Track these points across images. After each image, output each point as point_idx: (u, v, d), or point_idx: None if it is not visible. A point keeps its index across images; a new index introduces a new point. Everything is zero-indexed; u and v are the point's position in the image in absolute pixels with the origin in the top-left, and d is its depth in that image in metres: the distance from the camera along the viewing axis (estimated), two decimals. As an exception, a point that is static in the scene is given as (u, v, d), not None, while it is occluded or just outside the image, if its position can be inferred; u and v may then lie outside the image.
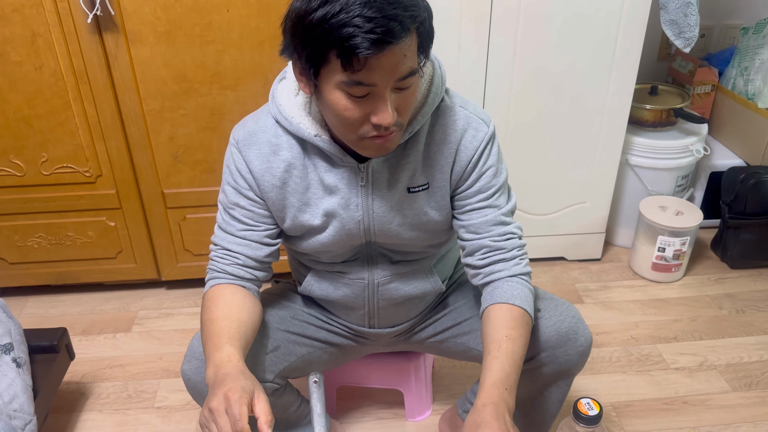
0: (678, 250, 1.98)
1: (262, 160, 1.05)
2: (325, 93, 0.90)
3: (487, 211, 1.08)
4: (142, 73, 1.66)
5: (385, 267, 1.17)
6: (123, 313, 1.97)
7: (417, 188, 1.07)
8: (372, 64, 0.83)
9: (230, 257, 1.09)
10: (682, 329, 1.86)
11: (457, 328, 1.26)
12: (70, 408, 1.63)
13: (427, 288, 1.21)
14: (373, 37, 0.80)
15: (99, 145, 1.76)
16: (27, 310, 1.99)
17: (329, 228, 1.08)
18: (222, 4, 1.59)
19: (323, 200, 1.06)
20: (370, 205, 1.06)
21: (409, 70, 0.88)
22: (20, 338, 1.37)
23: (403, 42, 0.83)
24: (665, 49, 2.36)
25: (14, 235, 1.88)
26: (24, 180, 1.79)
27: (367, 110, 0.89)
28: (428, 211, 1.09)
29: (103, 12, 1.56)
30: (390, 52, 0.83)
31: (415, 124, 1.01)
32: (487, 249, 1.08)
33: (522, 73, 1.80)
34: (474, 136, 1.05)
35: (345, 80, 0.86)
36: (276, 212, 1.09)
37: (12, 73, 1.64)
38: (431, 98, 1.02)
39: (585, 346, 1.12)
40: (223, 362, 0.92)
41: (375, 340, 1.30)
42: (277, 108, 1.03)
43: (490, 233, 1.08)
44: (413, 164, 1.05)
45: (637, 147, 2.05)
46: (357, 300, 1.20)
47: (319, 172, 1.05)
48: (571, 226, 2.10)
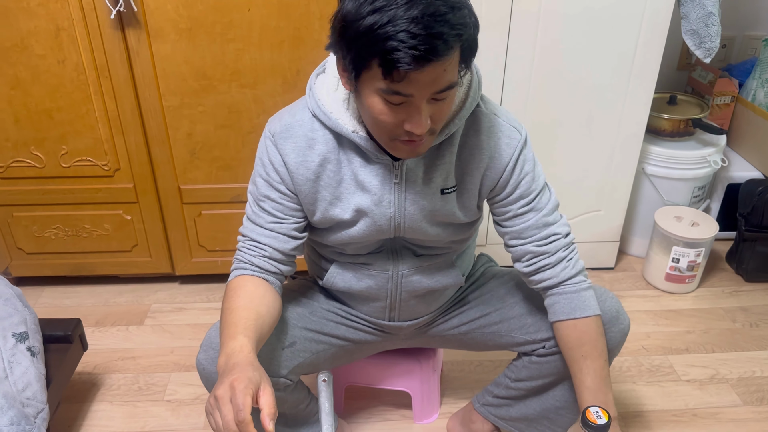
0: (692, 261, 1.96)
1: (297, 153, 1.06)
2: (364, 95, 0.92)
3: (530, 215, 1.10)
4: (163, 69, 1.68)
5: (408, 260, 1.19)
6: (136, 306, 1.99)
7: (449, 190, 1.09)
8: (411, 77, 0.85)
9: (257, 249, 1.10)
10: (694, 341, 1.85)
11: (486, 318, 1.28)
12: (82, 398, 1.65)
13: (448, 281, 1.23)
14: (415, 54, 0.81)
15: (118, 140, 1.78)
16: (42, 300, 2.01)
17: (360, 223, 1.10)
18: (243, 4, 1.60)
19: (355, 195, 1.08)
20: (402, 202, 1.08)
21: (448, 84, 0.89)
22: (35, 327, 1.39)
23: (445, 59, 0.84)
24: (685, 58, 2.34)
25: (32, 226, 1.91)
26: (43, 172, 1.82)
27: (402, 117, 0.91)
28: (456, 212, 1.11)
29: (126, 8, 1.58)
30: (431, 68, 0.84)
31: (452, 126, 1.02)
32: (531, 255, 1.11)
33: (539, 79, 1.79)
34: (508, 144, 1.07)
35: (383, 88, 0.87)
36: (307, 205, 1.10)
37: (35, 66, 1.66)
38: (468, 103, 1.03)
39: (626, 325, 1.17)
40: (235, 352, 0.93)
41: (394, 333, 1.31)
42: (316, 102, 1.05)
43: (533, 237, 1.10)
44: (447, 165, 1.07)
45: (654, 156, 2.04)
46: (380, 291, 1.21)
47: (354, 168, 1.06)
48: (585, 234, 2.09)
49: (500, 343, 1.30)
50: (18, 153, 1.79)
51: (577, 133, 1.89)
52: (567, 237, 1.13)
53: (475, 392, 1.47)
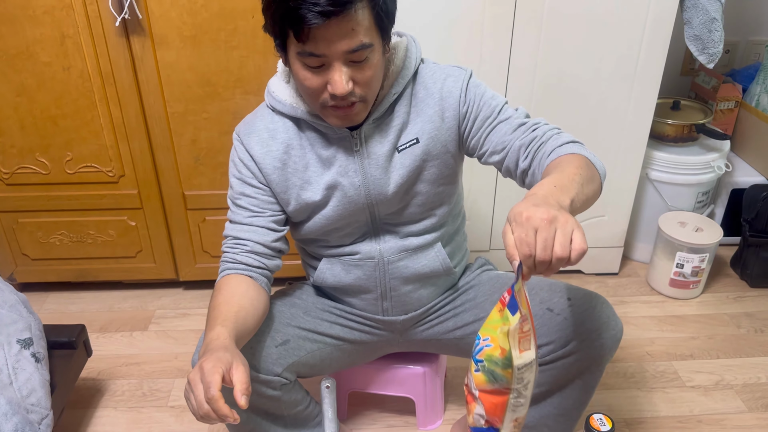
0: (697, 266, 1.96)
1: (261, 144, 1.13)
2: (291, 63, 1.00)
3: (501, 125, 1.10)
4: (167, 76, 1.69)
5: (393, 243, 1.20)
6: (140, 311, 2.00)
7: (405, 145, 1.12)
8: (318, 35, 0.92)
9: (239, 245, 1.14)
10: (698, 347, 1.84)
11: (479, 323, 1.26)
12: (86, 404, 1.66)
13: (436, 266, 1.23)
14: (316, 9, 0.89)
15: (123, 146, 1.79)
16: (47, 306, 2.02)
17: (332, 200, 1.14)
18: (248, 11, 1.61)
19: (323, 176, 1.13)
20: (366, 168, 1.12)
21: (359, 44, 0.94)
22: (40, 333, 1.39)
23: (348, 15, 0.91)
24: (689, 63, 2.34)
25: (37, 232, 1.92)
26: (48, 178, 1.83)
27: (324, 80, 0.97)
28: (422, 164, 1.13)
29: (131, 16, 1.59)
30: (335, 24, 0.91)
31: (397, 86, 1.09)
32: (522, 147, 1.06)
33: (543, 85, 1.80)
34: (455, 80, 1.12)
35: (300, 51, 0.95)
36: (280, 194, 1.15)
37: (41, 72, 1.67)
38: (408, 62, 1.10)
39: (617, 331, 1.14)
40: (212, 341, 0.96)
41: (389, 329, 1.31)
42: (271, 96, 1.14)
43: (516, 136, 1.08)
44: (400, 123, 1.11)
45: (658, 162, 2.04)
46: (369, 281, 1.23)
47: (316, 149, 1.12)
48: (589, 239, 2.06)
49: None
50: (23, 159, 1.80)
51: (580, 138, 1.86)
52: (549, 124, 1.08)
53: (479, 398, 1.46)
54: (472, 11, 1.67)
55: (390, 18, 1.00)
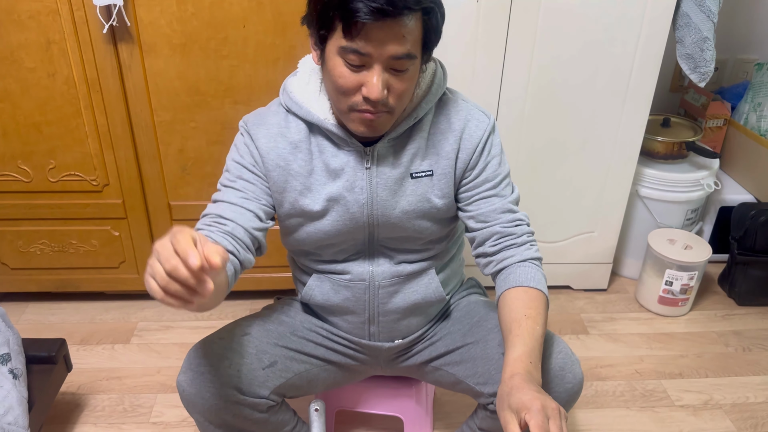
0: (686, 284, 1.96)
1: (269, 138, 1.10)
2: (327, 62, 0.97)
3: (495, 200, 1.11)
4: (155, 84, 1.66)
5: (386, 268, 1.17)
6: (123, 323, 1.95)
7: (420, 174, 1.10)
8: (369, 33, 0.90)
9: (218, 224, 1.03)
10: (687, 365, 1.84)
11: (449, 356, 1.24)
12: (65, 419, 1.61)
13: (427, 294, 1.20)
14: (373, 6, 0.86)
15: (108, 155, 1.75)
16: (26, 317, 1.97)
17: (331, 213, 1.10)
18: (238, 20, 1.59)
19: (326, 186, 1.09)
20: (374, 188, 1.09)
21: (406, 52, 0.93)
22: (18, 348, 1.35)
23: (402, 20, 0.89)
24: (678, 80, 2.35)
25: (17, 241, 1.87)
26: (30, 186, 1.78)
27: (360, 81, 0.95)
28: (432, 198, 1.11)
29: (119, 23, 1.55)
30: (388, 26, 0.89)
31: (420, 110, 1.06)
32: (498, 235, 1.11)
33: (535, 101, 1.79)
34: (477, 126, 1.10)
35: (344, 45, 0.92)
36: (276, 194, 1.11)
37: (25, 78, 1.63)
38: (434, 88, 1.08)
39: (574, 384, 1.09)
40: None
41: (374, 356, 1.28)
42: (289, 96, 1.10)
43: (499, 220, 1.11)
44: (416, 149, 1.09)
45: (648, 178, 2.04)
46: (357, 304, 1.19)
47: (325, 157, 1.08)
48: (578, 255, 2.08)
49: (461, 389, 1.23)
50: (5, 167, 1.75)
51: (571, 154, 1.88)
52: (530, 227, 1.14)
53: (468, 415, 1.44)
54: (465, 25, 1.66)
55: (437, 36, 0.98)
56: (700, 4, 1.71)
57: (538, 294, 1.05)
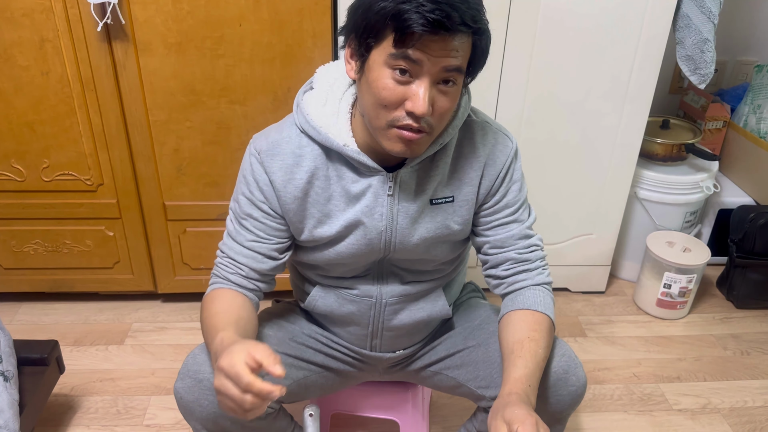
0: (684, 287, 1.95)
1: (284, 171, 1.04)
2: (370, 70, 0.91)
3: (513, 225, 1.10)
4: (150, 83, 1.64)
5: (395, 287, 1.15)
6: (117, 324, 1.93)
7: (440, 200, 1.07)
8: (423, 43, 0.86)
9: (234, 266, 1.08)
10: (685, 369, 1.82)
11: (450, 360, 1.22)
12: (57, 421, 1.59)
13: (434, 312, 1.19)
14: (431, 17, 0.84)
15: (102, 154, 1.73)
16: (19, 317, 1.95)
17: (349, 238, 1.07)
18: (235, 19, 1.57)
19: (345, 212, 1.05)
20: (395, 215, 1.05)
21: (456, 66, 0.89)
22: (9, 350, 1.33)
23: (457, 35, 0.87)
24: (677, 82, 2.34)
25: (11, 241, 1.85)
26: (24, 185, 1.76)
27: (405, 95, 0.90)
28: (450, 224, 1.09)
29: (113, 21, 1.54)
30: (442, 39, 0.86)
31: (446, 136, 1.02)
32: (512, 261, 1.10)
33: (534, 101, 1.77)
34: (502, 151, 1.08)
35: (394, 52, 0.88)
36: (295, 224, 1.08)
37: (18, 77, 1.61)
38: (461, 112, 1.04)
39: (577, 387, 1.08)
40: (217, 347, 0.91)
41: (374, 365, 1.26)
42: (304, 117, 1.03)
43: (515, 246, 1.10)
44: (440, 176, 1.06)
45: (647, 181, 2.03)
46: (361, 318, 1.17)
47: (344, 183, 1.04)
48: (577, 257, 2.07)
49: (462, 392, 1.23)
50: (-2, 166, 1.73)
51: (570, 156, 1.87)
52: (543, 251, 1.13)
53: (465, 419, 1.42)
54: (464, 25, 1.65)
55: (484, 59, 0.95)
56: (701, 5, 1.69)
57: (544, 318, 1.05)
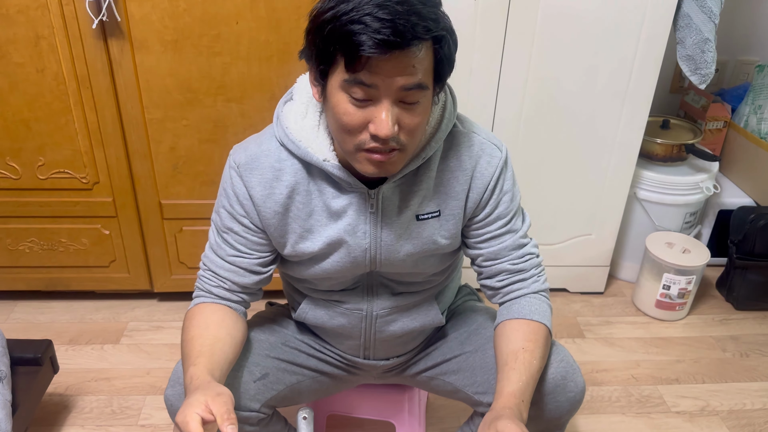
0: (683, 288, 1.94)
1: (264, 186, 1.01)
2: (330, 96, 0.88)
3: (506, 237, 1.06)
4: (146, 81, 1.63)
5: (385, 299, 1.12)
6: (112, 323, 1.92)
7: (426, 215, 1.03)
8: (375, 65, 0.81)
9: (217, 280, 1.06)
10: (684, 371, 1.81)
11: (446, 365, 1.21)
12: (52, 421, 1.58)
13: (426, 321, 1.16)
14: (378, 38, 0.79)
15: (98, 152, 1.72)
16: (15, 315, 1.94)
17: (334, 255, 1.04)
18: (231, 16, 1.56)
19: (327, 228, 1.02)
20: (378, 233, 1.02)
21: (417, 82, 0.84)
22: (2, 350, 1.32)
23: (412, 51, 0.81)
24: (678, 81, 2.33)
25: (6, 239, 1.84)
26: (19, 183, 1.75)
27: (367, 118, 0.86)
28: (437, 239, 1.05)
29: (109, 18, 1.52)
30: (396, 57, 0.81)
31: (428, 149, 0.98)
32: (506, 273, 1.08)
33: (533, 100, 1.76)
34: (489, 162, 1.03)
35: (347, 78, 0.84)
36: (276, 238, 1.05)
37: (13, 74, 1.60)
38: (444, 124, 0.99)
39: (576, 393, 1.06)
40: (186, 387, 0.90)
41: (367, 371, 1.25)
42: (283, 130, 1.00)
43: (509, 257, 1.07)
44: (424, 191, 1.02)
45: (646, 181, 2.01)
46: (353, 330, 1.15)
47: (325, 198, 1.01)
48: (575, 257, 2.05)
49: (459, 397, 1.21)
50: (-7, 163, 1.72)
51: (569, 155, 1.86)
52: (538, 257, 1.10)
53: (462, 421, 1.42)
54: (463, 25, 1.63)
55: (450, 65, 0.89)
56: (702, 4, 1.68)
57: (540, 327, 1.02)
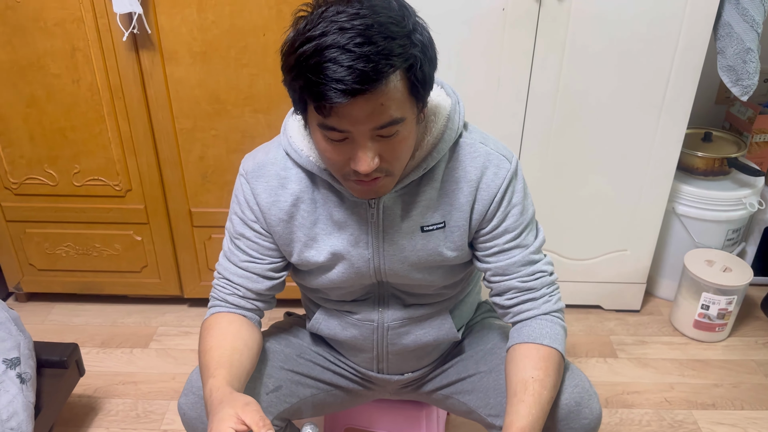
0: (723, 309, 1.85)
1: (269, 193, 1.02)
2: (311, 131, 0.88)
3: (515, 252, 1.02)
4: (176, 91, 1.66)
5: (397, 310, 1.11)
6: (143, 327, 1.97)
7: (431, 227, 1.01)
8: (342, 112, 0.79)
9: (231, 287, 1.07)
10: (721, 396, 1.73)
11: (461, 384, 1.18)
12: (78, 423, 1.62)
13: (440, 335, 1.14)
14: (340, 87, 0.76)
15: (130, 160, 1.76)
16: (51, 317, 2.01)
17: (337, 267, 1.04)
18: (258, 28, 1.57)
19: (331, 236, 1.02)
20: (380, 243, 1.01)
21: (389, 120, 0.82)
22: (29, 353, 1.36)
23: (379, 90, 0.78)
24: (724, 92, 2.23)
25: (44, 243, 1.91)
26: (56, 189, 1.81)
27: (347, 154, 0.85)
28: (443, 251, 1.03)
29: (140, 30, 1.56)
30: (362, 101, 0.78)
31: (430, 160, 0.96)
32: (515, 290, 1.03)
33: (564, 111, 1.72)
34: (496, 174, 1.00)
35: (320, 123, 0.83)
36: (283, 246, 1.05)
37: (51, 84, 1.66)
38: (448, 134, 0.97)
39: (591, 420, 1.02)
40: (207, 399, 0.90)
41: (382, 386, 1.23)
42: (288, 140, 1.01)
43: (519, 273, 1.03)
44: (427, 201, 1.00)
45: (686, 195, 1.94)
46: (365, 342, 1.14)
47: (329, 207, 1.01)
48: (610, 273, 1.99)
49: (473, 418, 1.19)
50: (32, 170, 1.79)
51: (602, 168, 1.80)
52: (552, 275, 1.05)
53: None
54: (490, 34, 1.61)
55: (427, 85, 0.85)
56: (743, 13, 1.60)
57: (551, 352, 0.98)
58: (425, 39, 0.84)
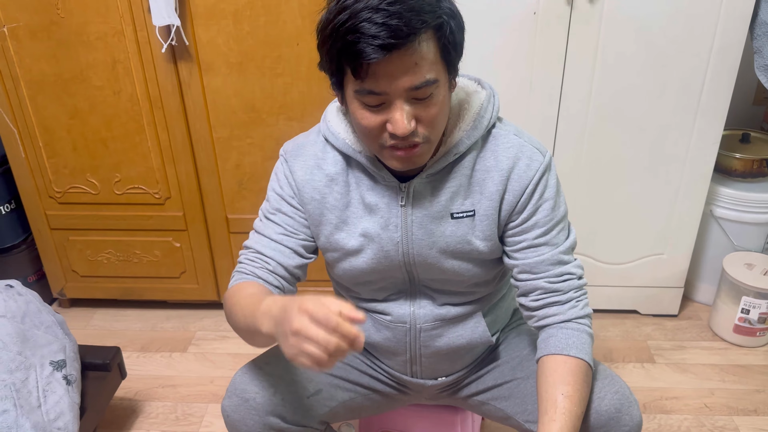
0: (764, 313, 1.81)
1: (305, 171, 1.05)
2: (348, 102, 0.92)
3: (544, 249, 1.02)
4: (213, 101, 1.70)
5: (428, 311, 1.11)
6: (181, 332, 2.01)
7: (461, 214, 1.02)
8: (378, 71, 0.84)
9: (261, 260, 1.06)
10: (763, 401, 1.69)
11: (498, 390, 1.18)
12: (120, 424, 1.66)
13: (473, 338, 1.14)
14: (376, 43, 0.80)
15: (169, 169, 1.81)
16: (94, 322, 2.06)
17: (366, 251, 1.05)
18: (292, 38, 1.61)
19: (362, 220, 1.04)
20: (409, 226, 1.02)
21: (423, 80, 0.86)
22: (74, 355, 1.41)
23: (411, 48, 0.83)
24: (762, 92, 2.19)
25: (86, 250, 1.96)
26: (98, 198, 1.87)
27: (384, 119, 0.89)
28: (473, 240, 1.03)
29: (178, 42, 1.61)
30: (397, 58, 0.83)
31: (461, 145, 0.98)
32: (541, 290, 1.03)
33: (597, 114, 1.71)
34: (528, 166, 1.00)
35: (357, 89, 0.87)
36: (313, 227, 1.08)
37: (93, 96, 1.72)
38: (480, 122, 0.99)
39: (631, 427, 1.00)
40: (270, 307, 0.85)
41: (418, 391, 1.24)
42: (326, 125, 1.05)
43: (546, 273, 1.02)
44: (456, 187, 1.01)
45: (724, 198, 1.90)
46: (398, 345, 1.15)
47: (362, 190, 1.04)
48: (647, 278, 1.96)
49: (510, 424, 1.18)
50: (75, 179, 1.84)
51: (637, 171, 1.78)
52: (580, 279, 1.04)
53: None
54: (522, 37, 1.61)
55: (458, 50, 0.90)
56: (781, 11, 1.58)
57: (578, 364, 0.97)
58: (453, 6, 0.88)
